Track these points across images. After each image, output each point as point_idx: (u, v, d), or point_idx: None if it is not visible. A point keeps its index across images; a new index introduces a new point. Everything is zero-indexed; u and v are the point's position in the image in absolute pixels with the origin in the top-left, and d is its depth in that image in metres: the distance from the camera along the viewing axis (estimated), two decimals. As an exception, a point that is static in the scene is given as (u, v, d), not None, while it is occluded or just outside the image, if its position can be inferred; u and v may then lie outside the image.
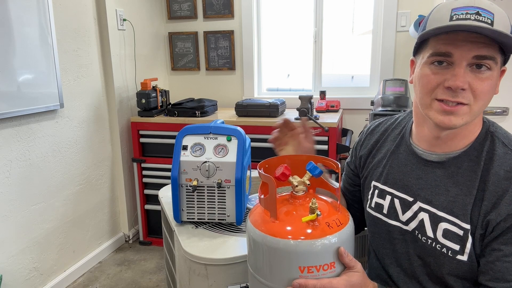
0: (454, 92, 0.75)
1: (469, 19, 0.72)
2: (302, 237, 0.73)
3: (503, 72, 0.81)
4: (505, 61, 0.79)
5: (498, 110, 2.04)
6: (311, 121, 2.29)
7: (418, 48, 0.83)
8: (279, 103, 2.49)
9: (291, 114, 2.52)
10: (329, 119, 2.38)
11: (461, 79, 0.73)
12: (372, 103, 2.36)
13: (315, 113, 2.54)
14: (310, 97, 2.34)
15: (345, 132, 2.72)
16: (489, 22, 0.72)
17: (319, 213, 0.75)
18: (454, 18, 0.73)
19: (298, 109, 2.34)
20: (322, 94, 2.73)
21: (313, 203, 0.75)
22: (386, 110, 2.08)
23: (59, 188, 2.22)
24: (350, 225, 0.79)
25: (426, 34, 0.76)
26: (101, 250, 2.57)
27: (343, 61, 2.91)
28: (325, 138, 2.28)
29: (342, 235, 0.76)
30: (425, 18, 0.81)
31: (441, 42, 0.75)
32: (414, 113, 0.91)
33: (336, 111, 2.64)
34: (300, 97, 2.34)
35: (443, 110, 0.77)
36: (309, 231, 0.74)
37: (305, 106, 2.31)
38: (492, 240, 0.76)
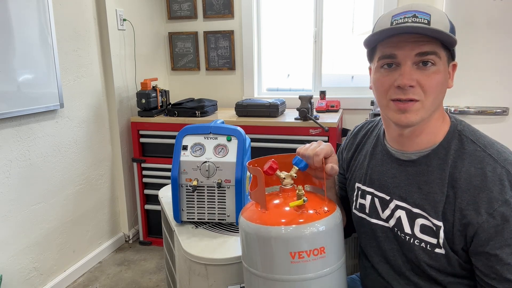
0: (404, 90, 0.80)
1: (407, 22, 0.78)
2: (291, 224, 0.77)
3: (454, 66, 0.86)
4: (452, 56, 0.84)
5: (498, 110, 2.04)
6: (311, 121, 2.29)
7: (371, 56, 0.89)
8: (279, 103, 2.49)
9: (291, 114, 2.52)
10: (329, 119, 2.38)
11: (407, 77, 0.79)
12: (372, 103, 2.37)
13: (315, 113, 2.54)
14: (310, 97, 2.34)
15: (345, 132, 2.72)
16: (426, 22, 0.77)
17: (305, 199, 0.79)
18: (394, 24, 0.80)
19: (298, 109, 2.34)
20: (322, 94, 2.73)
21: (299, 189, 0.80)
22: (386, 110, 2.07)
23: (59, 188, 2.22)
24: (337, 213, 0.83)
25: (369, 41, 0.83)
26: (101, 250, 2.57)
27: (343, 61, 2.91)
28: (325, 138, 2.28)
29: (330, 221, 0.80)
30: (372, 28, 0.87)
31: (385, 46, 0.81)
32: (381, 116, 0.96)
33: (336, 111, 2.64)
34: (300, 97, 2.34)
35: (398, 109, 0.82)
36: (298, 218, 0.78)
37: (305, 106, 2.31)
38: (483, 244, 0.77)
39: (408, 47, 0.78)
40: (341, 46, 2.88)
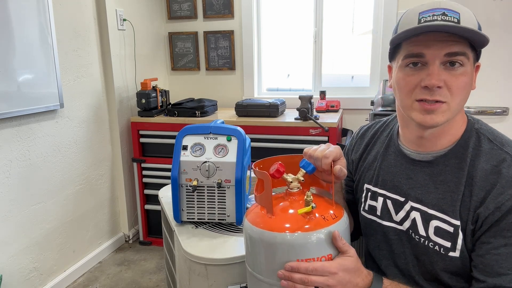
0: (431, 90, 0.77)
1: (436, 20, 0.75)
2: (298, 230, 0.75)
3: (477, 68, 0.83)
4: (477, 57, 0.81)
5: (498, 110, 2.04)
6: (311, 121, 2.29)
7: (393, 54, 0.86)
8: (279, 103, 2.49)
9: (291, 114, 2.52)
10: (329, 119, 2.38)
11: (436, 77, 0.76)
12: (372, 103, 2.37)
13: (315, 113, 2.54)
14: (310, 97, 2.34)
15: (345, 132, 2.72)
16: (456, 21, 0.75)
17: (314, 205, 0.76)
18: (422, 21, 0.76)
19: (298, 109, 2.34)
20: (322, 94, 2.73)
21: (307, 195, 0.77)
22: (386, 110, 2.08)
23: (59, 188, 2.22)
24: (345, 218, 0.81)
25: (397, 39, 0.80)
26: (101, 250, 2.56)
27: (343, 61, 2.91)
28: (325, 138, 2.28)
29: (338, 228, 0.77)
30: (396, 25, 0.84)
31: (412, 44, 0.78)
32: (398, 116, 0.93)
33: (336, 111, 2.64)
34: (300, 97, 2.34)
35: (424, 109, 0.79)
36: (304, 224, 0.76)
37: (305, 106, 2.31)
38: (482, 234, 0.77)
39: (436, 46, 0.76)
40: (341, 46, 2.88)
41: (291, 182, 0.84)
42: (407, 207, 0.88)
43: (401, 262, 0.90)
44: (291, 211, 0.80)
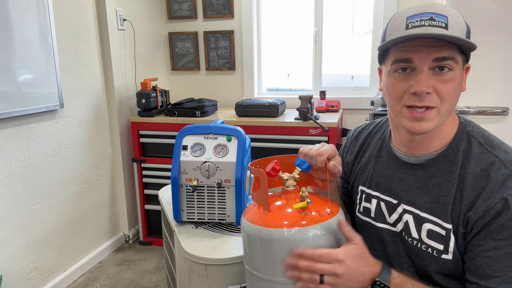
0: (420, 97, 0.77)
1: (424, 25, 0.75)
2: (295, 226, 0.76)
3: (467, 69, 0.83)
4: (467, 59, 0.81)
5: (498, 110, 2.04)
6: (311, 121, 2.29)
7: (382, 57, 0.86)
8: (279, 103, 2.49)
9: (291, 114, 2.52)
10: (329, 119, 2.38)
11: (424, 84, 0.76)
12: (372, 103, 2.37)
13: (315, 113, 2.54)
14: (310, 97, 2.34)
15: (345, 132, 2.72)
16: (443, 25, 0.74)
17: (309, 200, 0.78)
18: (410, 26, 0.76)
19: (298, 109, 2.34)
20: (322, 94, 2.73)
21: (303, 191, 0.78)
22: (386, 110, 2.07)
23: (59, 188, 2.22)
24: (340, 214, 0.82)
25: (386, 45, 0.80)
26: (101, 250, 2.57)
27: (343, 61, 2.91)
28: (325, 138, 2.28)
29: (333, 223, 0.78)
30: (384, 28, 0.84)
31: (400, 50, 0.78)
32: (389, 119, 0.93)
33: (336, 111, 2.64)
34: (300, 97, 2.34)
35: (413, 117, 0.79)
36: (301, 220, 0.77)
37: (305, 106, 2.31)
38: (473, 237, 0.78)
39: (425, 52, 0.75)
40: (341, 46, 2.88)
41: (287, 180, 0.85)
42: (399, 209, 0.88)
43: (395, 263, 0.91)
44: (287, 208, 0.81)
